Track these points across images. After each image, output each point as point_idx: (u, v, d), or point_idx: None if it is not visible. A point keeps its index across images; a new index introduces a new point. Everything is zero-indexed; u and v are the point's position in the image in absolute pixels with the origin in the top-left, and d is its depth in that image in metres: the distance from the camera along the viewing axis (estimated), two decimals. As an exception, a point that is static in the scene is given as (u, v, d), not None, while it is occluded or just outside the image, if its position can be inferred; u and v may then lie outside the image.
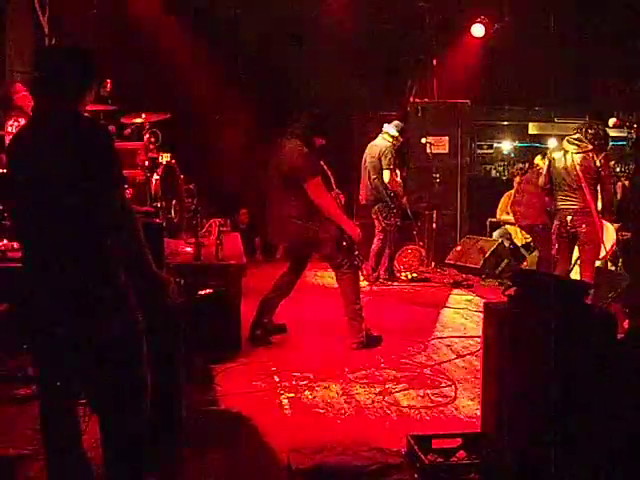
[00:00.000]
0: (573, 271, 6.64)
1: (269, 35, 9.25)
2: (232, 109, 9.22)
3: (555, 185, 6.29)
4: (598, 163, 6.06)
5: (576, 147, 6.16)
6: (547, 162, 6.42)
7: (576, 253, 7.35)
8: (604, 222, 6.22)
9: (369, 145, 8.60)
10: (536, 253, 8.46)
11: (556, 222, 6.34)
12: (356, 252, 5.72)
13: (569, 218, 6.13)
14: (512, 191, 9.80)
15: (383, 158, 8.33)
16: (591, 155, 6.10)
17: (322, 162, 5.71)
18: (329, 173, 5.85)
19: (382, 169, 8.32)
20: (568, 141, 6.26)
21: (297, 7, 9.26)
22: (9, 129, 5.55)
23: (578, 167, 6.09)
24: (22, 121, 5.55)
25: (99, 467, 2.80)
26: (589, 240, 6.12)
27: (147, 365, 2.74)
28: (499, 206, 9.90)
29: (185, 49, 8.93)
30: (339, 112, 9.09)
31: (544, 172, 6.41)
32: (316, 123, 5.73)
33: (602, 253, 6.32)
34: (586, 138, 6.13)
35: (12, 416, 4.05)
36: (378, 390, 4.73)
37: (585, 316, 2.68)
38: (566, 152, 6.21)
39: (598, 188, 6.15)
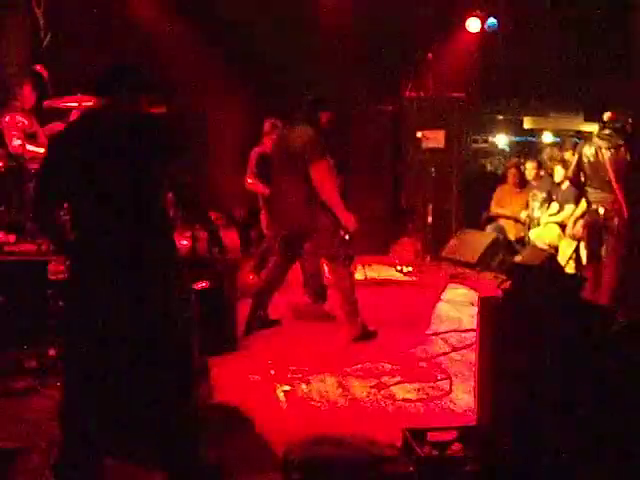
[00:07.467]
0: (568, 266, 6.67)
1: (267, 34, 9.20)
2: (228, 103, 9.20)
3: (586, 180, 6.35)
4: (629, 157, 6.11)
5: (607, 142, 6.20)
6: (577, 157, 6.46)
7: (568, 248, 7.43)
8: None
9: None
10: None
11: (587, 217, 6.40)
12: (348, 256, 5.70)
13: (601, 212, 6.17)
14: (506, 185, 9.84)
15: None
16: (622, 150, 6.14)
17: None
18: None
19: None
20: (599, 136, 6.31)
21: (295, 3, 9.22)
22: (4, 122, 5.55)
23: (608, 162, 6.12)
24: (18, 117, 5.57)
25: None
26: (619, 233, 6.14)
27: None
28: (493, 200, 9.90)
29: (181, 45, 8.91)
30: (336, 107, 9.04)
31: (573, 166, 6.48)
32: (318, 102, 5.76)
33: None
34: (617, 133, 6.18)
35: (10, 409, 4.06)
36: (374, 383, 4.75)
37: (580, 310, 2.69)
38: (597, 147, 6.23)
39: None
